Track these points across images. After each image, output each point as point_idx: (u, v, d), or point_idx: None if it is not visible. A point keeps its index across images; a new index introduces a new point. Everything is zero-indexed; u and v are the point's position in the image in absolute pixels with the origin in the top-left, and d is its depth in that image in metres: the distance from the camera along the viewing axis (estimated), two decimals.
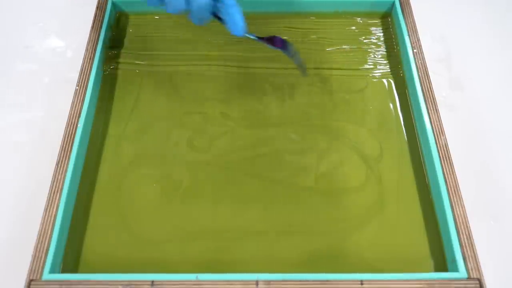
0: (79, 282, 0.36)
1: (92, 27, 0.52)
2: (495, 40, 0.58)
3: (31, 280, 0.37)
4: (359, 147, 0.47)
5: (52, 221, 0.39)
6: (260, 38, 0.46)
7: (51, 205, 0.40)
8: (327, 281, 0.36)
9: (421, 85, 0.48)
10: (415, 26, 0.53)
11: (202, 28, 0.55)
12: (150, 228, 0.42)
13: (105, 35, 0.52)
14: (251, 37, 0.46)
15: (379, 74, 0.52)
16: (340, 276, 0.37)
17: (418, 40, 0.52)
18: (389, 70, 0.53)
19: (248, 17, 0.57)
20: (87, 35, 0.52)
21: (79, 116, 0.45)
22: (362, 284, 0.36)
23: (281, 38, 0.47)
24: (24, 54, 0.56)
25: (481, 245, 0.39)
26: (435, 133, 0.45)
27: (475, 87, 0.54)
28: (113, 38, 0.55)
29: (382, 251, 0.41)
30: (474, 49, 0.57)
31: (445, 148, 0.44)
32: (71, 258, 0.40)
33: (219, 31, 0.56)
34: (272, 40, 0.47)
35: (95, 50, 0.50)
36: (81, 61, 0.49)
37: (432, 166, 0.43)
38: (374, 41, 0.55)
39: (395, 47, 0.55)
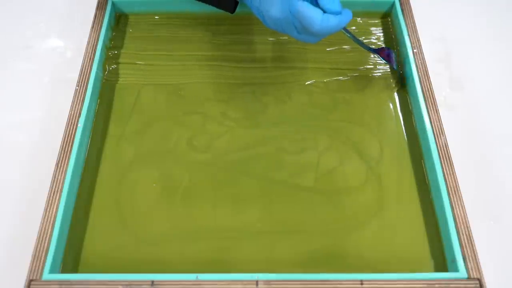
0: (79, 282, 0.36)
1: (92, 27, 0.52)
2: (495, 40, 0.58)
3: (31, 280, 0.37)
4: (359, 147, 0.47)
5: (52, 221, 0.39)
6: (361, 42, 0.49)
7: (51, 205, 0.40)
8: (327, 281, 0.36)
9: (421, 85, 0.48)
10: (415, 26, 0.53)
11: (202, 28, 0.56)
12: (150, 228, 0.42)
13: (105, 35, 0.52)
14: (348, 35, 0.48)
15: (379, 74, 0.52)
16: (340, 276, 0.37)
17: (418, 40, 0.52)
18: (389, 70, 0.53)
19: (249, 17, 0.58)
20: (87, 35, 0.52)
21: (79, 116, 0.45)
22: (362, 284, 0.36)
23: (388, 52, 0.50)
24: (24, 54, 0.56)
25: (481, 245, 0.39)
26: (435, 133, 0.45)
27: (475, 87, 0.54)
28: (113, 38, 0.55)
29: (382, 251, 0.41)
30: (474, 49, 0.57)
31: (445, 148, 0.44)
32: (71, 258, 0.40)
33: (219, 31, 0.56)
34: (381, 52, 0.50)
35: (95, 50, 0.50)
36: (81, 61, 0.49)
37: (432, 166, 0.43)
38: (374, 41, 0.55)
39: (395, 47, 0.54)
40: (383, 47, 0.51)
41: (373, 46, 0.55)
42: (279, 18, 0.42)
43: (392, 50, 0.50)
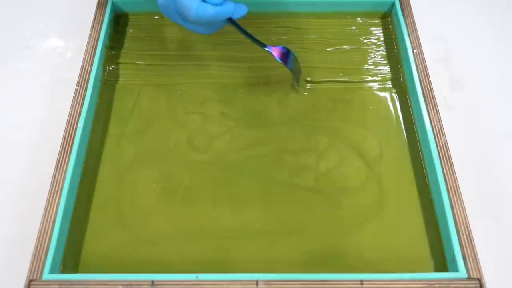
0: (79, 282, 0.36)
1: (92, 27, 0.52)
2: (495, 40, 0.58)
3: (31, 280, 0.37)
4: (359, 147, 0.47)
5: (52, 221, 0.39)
6: (252, 37, 0.46)
7: (51, 205, 0.40)
8: (327, 281, 0.36)
9: (421, 85, 0.48)
10: (415, 26, 0.53)
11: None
12: (150, 228, 0.42)
13: (105, 35, 0.52)
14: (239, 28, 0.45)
15: (379, 74, 0.52)
16: (340, 276, 0.37)
17: (418, 40, 0.52)
18: (389, 70, 0.53)
19: (248, 17, 0.57)
20: (87, 35, 0.52)
21: (79, 116, 0.45)
22: (362, 284, 0.36)
23: (284, 51, 0.48)
24: (24, 54, 0.56)
25: (481, 245, 0.39)
26: (435, 133, 0.45)
27: (475, 87, 0.54)
28: (113, 38, 0.55)
29: (382, 251, 0.41)
30: (474, 49, 0.57)
31: (445, 148, 0.44)
32: (71, 258, 0.40)
33: (219, 31, 0.56)
34: (276, 50, 0.47)
35: (95, 50, 0.50)
36: (81, 61, 0.49)
37: (432, 166, 0.43)
38: (374, 41, 0.55)
39: (395, 47, 0.55)
40: (278, 46, 0.48)
41: (372, 46, 0.55)
42: (164, 5, 0.43)
43: (289, 50, 0.48)
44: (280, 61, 0.47)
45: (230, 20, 0.44)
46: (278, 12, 0.57)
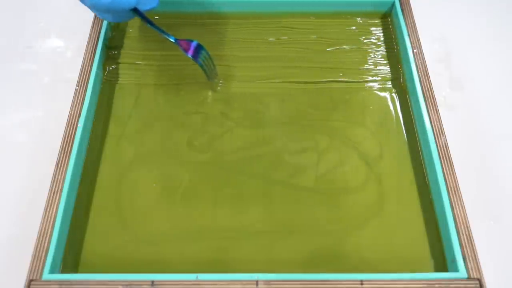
0: (79, 282, 0.36)
1: (92, 27, 0.52)
2: (495, 40, 0.58)
3: (31, 280, 0.37)
4: (359, 147, 0.47)
5: (52, 221, 0.39)
6: (161, 30, 0.46)
7: (51, 205, 0.40)
8: (327, 281, 0.36)
9: (421, 85, 0.48)
10: (415, 26, 0.53)
11: (202, 28, 0.56)
12: (150, 228, 0.42)
13: (105, 35, 0.52)
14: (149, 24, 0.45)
15: (379, 74, 0.52)
16: (340, 276, 0.37)
17: (418, 40, 0.52)
18: (389, 70, 0.53)
19: (248, 17, 0.58)
20: (87, 35, 0.52)
21: (79, 116, 0.45)
22: (362, 284, 0.36)
23: (194, 46, 0.47)
24: (24, 54, 0.56)
25: (481, 245, 0.39)
26: (435, 133, 0.45)
27: (475, 87, 0.54)
28: (113, 38, 0.55)
29: (382, 251, 0.41)
30: (474, 49, 0.57)
31: (445, 148, 0.44)
32: (71, 258, 0.40)
33: (219, 31, 0.56)
34: (184, 44, 0.47)
35: (95, 50, 0.50)
36: (81, 61, 0.49)
37: (432, 166, 0.43)
38: (374, 41, 0.55)
39: (395, 47, 0.54)
40: (190, 41, 0.47)
41: (372, 46, 0.55)
42: None
43: (201, 45, 0.47)
44: (190, 56, 0.47)
45: (136, 11, 0.44)
46: (278, 12, 0.57)
